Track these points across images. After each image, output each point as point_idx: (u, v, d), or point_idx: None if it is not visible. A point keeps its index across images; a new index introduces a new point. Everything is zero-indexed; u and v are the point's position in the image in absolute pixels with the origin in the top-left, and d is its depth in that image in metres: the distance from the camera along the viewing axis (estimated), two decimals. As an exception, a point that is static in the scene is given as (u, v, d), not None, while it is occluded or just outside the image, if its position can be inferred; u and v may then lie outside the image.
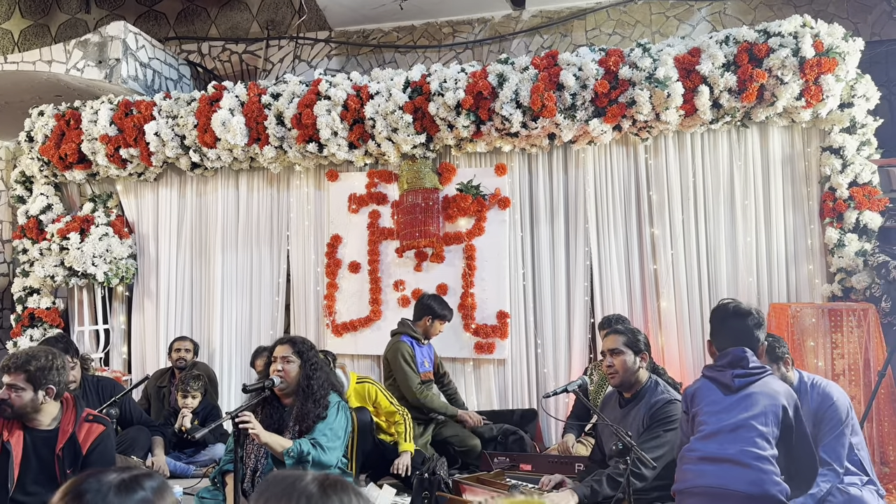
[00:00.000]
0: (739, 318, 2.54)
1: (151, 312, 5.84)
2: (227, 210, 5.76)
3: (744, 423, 2.37)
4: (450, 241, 5.09)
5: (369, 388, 3.84)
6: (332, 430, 2.96)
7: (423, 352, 4.45)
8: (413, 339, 4.41)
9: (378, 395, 3.83)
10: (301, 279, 5.54)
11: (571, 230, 4.98)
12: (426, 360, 4.45)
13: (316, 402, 2.98)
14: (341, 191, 5.40)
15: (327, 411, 2.99)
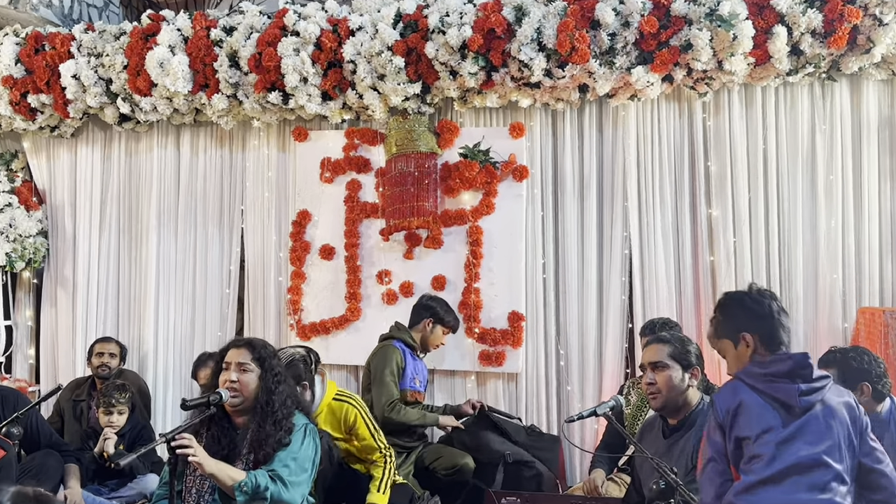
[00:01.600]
0: (783, 312, 2.61)
1: (66, 306, 5.84)
2: (164, 176, 5.74)
3: (816, 462, 2.36)
4: (450, 221, 5.09)
5: (349, 409, 3.76)
6: (298, 460, 2.95)
7: (417, 366, 4.45)
8: (408, 347, 4.41)
9: (358, 421, 3.77)
10: (259, 267, 5.54)
11: (606, 210, 4.97)
12: (418, 377, 4.45)
13: (277, 423, 2.97)
14: (311, 154, 5.39)
15: (291, 436, 2.98)
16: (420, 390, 4.47)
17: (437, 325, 4.49)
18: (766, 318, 2.57)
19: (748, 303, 2.60)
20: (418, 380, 4.45)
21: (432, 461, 4.25)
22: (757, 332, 2.57)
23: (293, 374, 3.43)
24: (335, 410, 3.76)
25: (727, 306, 2.66)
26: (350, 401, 3.81)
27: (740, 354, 2.61)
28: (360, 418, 3.80)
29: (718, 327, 2.68)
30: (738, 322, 2.61)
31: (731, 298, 2.68)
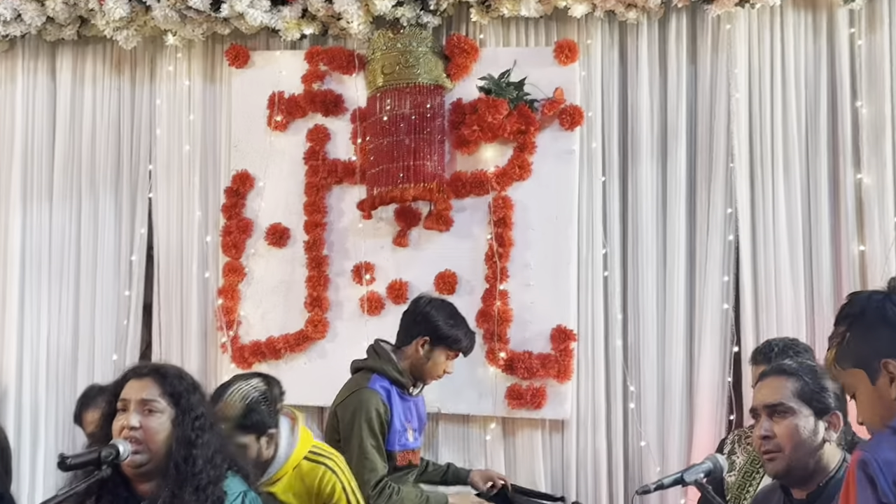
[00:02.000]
0: None
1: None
2: (33, 121, 5.75)
3: None
4: (464, 189, 5.08)
5: (326, 476, 3.66)
6: None
7: (408, 409, 4.43)
8: (393, 384, 4.40)
9: (338, 496, 3.71)
10: (174, 257, 5.56)
11: (702, 175, 4.97)
12: (411, 426, 4.43)
13: (200, 491, 2.95)
14: (255, 87, 5.40)
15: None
16: (414, 447, 4.45)
17: (436, 345, 4.42)
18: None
19: (891, 312, 2.56)
20: (411, 430, 4.43)
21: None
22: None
23: (253, 423, 3.48)
24: (305, 475, 3.71)
25: (858, 319, 2.61)
26: (329, 462, 3.76)
27: (881, 392, 2.57)
28: (340, 491, 3.74)
29: (845, 351, 2.63)
30: (876, 342, 2.55)
31: (865, 306, 2.62)
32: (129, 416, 2.98)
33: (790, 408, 3.02)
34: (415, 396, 4.49)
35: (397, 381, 4.39)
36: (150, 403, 3.00)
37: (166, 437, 2.99)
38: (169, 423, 3.00)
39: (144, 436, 2.96)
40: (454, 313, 4.54)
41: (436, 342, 4.42)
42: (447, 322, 4.46)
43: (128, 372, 3.14)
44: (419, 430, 4.53)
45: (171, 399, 3.03)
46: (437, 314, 4.47)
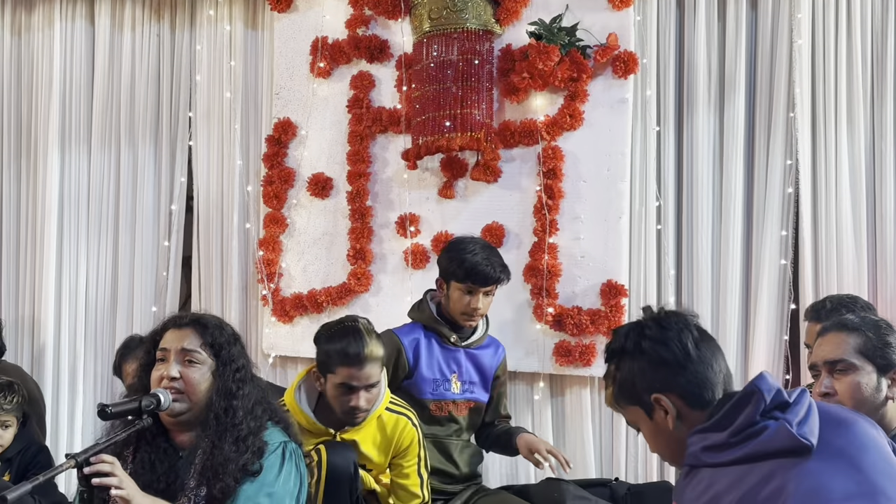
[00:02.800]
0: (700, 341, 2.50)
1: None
2: (71, 68, 5.77)
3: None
4: (513, 139, 5.05)
5: (408, 429, 3.82)
6: (274, 497, 2.95)
7: (452, 359, 4.38)
8: (430, 331, 4.36)
9: (413, 449, 3.86)
10: (214, 208, 5.58)
11: (761, 125, 4.93)
12: (457, 376, 4.38)
13: (240, 442, 2.97)
14: (297, 33, 5.39)
15: (262, 461, 2.99)
16: (457, 398, 4.38)
17: (447, 282, 4.29)
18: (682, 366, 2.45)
19: (647, 345, 2.47)
20: (457, 380, 4.37)
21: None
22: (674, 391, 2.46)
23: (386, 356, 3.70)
24: (387, 425, 3.82)
25: (620, 355, 2.54)
26: (409, 414, 3.89)
27: (659, 426, 2.48)
28: (417, 445, 3.88)
29: (618, 389, 2.56)
30: (641, 377, 2.48)
31: (623, 342, 2.54)
32: (170, 366, 3.02)
33: (852, 364, 3.03)
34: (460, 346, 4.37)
35: (434, 329, 4.34)
36: (190, 354, 3.04)
37: (206, 388, 3.03)
38: (209, 374, 3.05)
39: (185, 386, 3.01)
40: (458, 245, 4.37)
41: (445, 278, 4.32)
42: (447, 255, 4.33)
43: (167, 321, 3.18)
44: (474, 383, 4.41)
45: (212, 350, 3.07)
46: (443, 251, 4.39)
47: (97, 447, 2.81)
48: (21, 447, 4.50)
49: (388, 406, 3.83)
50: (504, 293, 4.96)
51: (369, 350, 3.55)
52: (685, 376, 2.43)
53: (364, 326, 3.67)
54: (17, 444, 4.49)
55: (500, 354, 4.50)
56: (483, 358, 4.43)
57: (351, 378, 3.57)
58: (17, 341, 5.62)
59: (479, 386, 4.40)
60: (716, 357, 2.45)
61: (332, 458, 3.65)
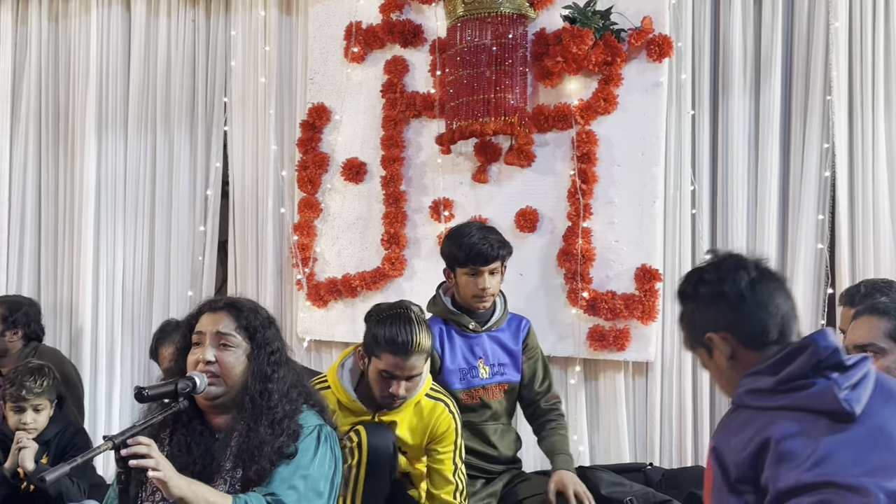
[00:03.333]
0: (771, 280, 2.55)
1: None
2: (108, 53, 5.83)
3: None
4: (546, 123, 5.05)
5: (444, 415, 3.83)
6: (309, 479, 2.97)
7: (476, 346, 4.38)
8: (448, 322, 4.37)
9: (450, 436, 3.86)
10: (250, 193, 5.62)
11: (796, 106, 4.91)
12: (484, 361, 4.37)
13: (276, 425, 2.99)
14: (332, 17, 5.41)
15: (298, 443, 3.01)
16: (486, 383, 4.38)
17: (452, 269, 4.30)
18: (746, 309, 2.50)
19: (703, 288, 2.56)
20: (483, 365, 4.36)
21: (530, 496, 4.23)
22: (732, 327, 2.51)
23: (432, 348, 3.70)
24: (424, 411, 3.84)
25: (683, 299, 2.65)
26: (447, 400, 3.90)
27: (718, 365, 2.56)
28: (453, 433, 3.88)
29: (686, 332, 2.66)
30: (699, 318, 2.58)
31: (685, 285, 2.64)
32: (205, 349, 3.04)
33: (881, 348, 3.06)
34: (481, 332, 4.37)
35: (452, 320, 4.35)
36: (225, 337, 3.05)
37: (242, 371, 3.04)
38: (244, 358, 3.06)
39: (220, 369, 3.02)
40: (456, 232, 4.37)
41: (450, 267, 4.33)
42: (447, 244, 4.34)
43: (203, 305, 3.20)
44: (504, 364, 4.40)
45: (247, 333, 3.08)
46: (443, 241, 4.41)
47: (134, 429, 2.82)
48: (58, 430, 4.53)
49: (427, 392, 3.85)
50: (538, 277, 5.04)
51: (417, 341, 3.56)
52: (737, 316, 2.48)
53: (416, 316, 3.66)
54: (55, 427, 4.52)
55: (525, 326, 4.48)
56: (507, 337, 4.43)
57: (394, 367, 3.59)
58: (55, 325, 5.70)
59: (509, 366, 4.39)
60: (774, 297, 2.49)
61: (372, 440, 3.67)
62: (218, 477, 2.99)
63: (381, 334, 3.61)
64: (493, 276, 4.24)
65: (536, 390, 4.44)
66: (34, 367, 4.52)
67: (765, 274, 2.52)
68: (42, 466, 4.36)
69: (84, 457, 2.85)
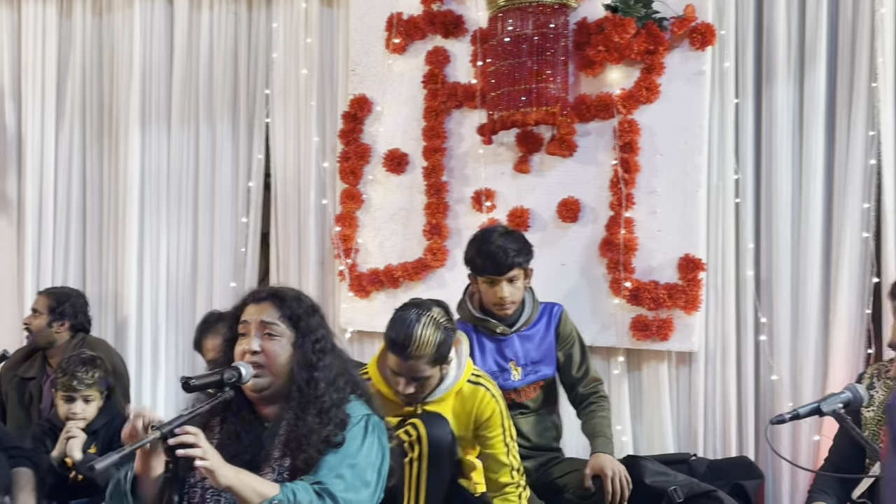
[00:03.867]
0: None
1: (9, 239, 6.12)
2: (151, 47, 5.90)
3: None
4: (588, 113, 5.04)
5: (486, 399, 3.85)
6: (356, 468, 2.97)
7: (506, 348, 4.40)
8: (475, 328, 4.38)
9: (495, 419, 3.87)
10: (292, 184, 5.66)
11: (842, 95, 4.86)
12: (515, 363, 4.37)
13: (324, 414, 3.00)
14: (373, 8, 5.43)
15: (345, 433, 3.02)
16: (516, 385, 4.38)
17: (475, 276, 4.35)
18: None
19: None
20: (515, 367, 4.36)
21: (561, 476, 4.28)
22: None
23: (441, 356, 3.67)
24: (467, 398, 3.87)
25: None
26: (489, 385, 3.92)
27: None
28: (498, 416, 3.89)
29: None
30: None
31: None
32: (250, 339, 3.06)
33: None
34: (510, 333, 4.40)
35: (480, 325, 4.39)
36: (269, 327, 3.07)
37: (287, 360, 3.06)
38: (289, 346, 3.07)
39: (265, 359, 3.04)
40: (476, 238, 4.39)
41: (472, 274, 4.39)
42: (467, 251, 4.39)
43: (247, 296, 3.22)
44: (537, 361, 4.43)
45: (290, 322, 3.09)
46: (466, 247, 4.43)
47: (181, 419, 2.84)
48: (106, 420, 4.56)
49: (469, 378, 3.88)
50: (580, 268, 5.05)
51: (416, 344, 3.58)
52: None
53: (431, 319, 3.66)
54: (103, 417, 4.56)
55: (557, 314, 4.48)
56: (538, 332, 4.45)
57: (396, 366, 3.65)
58: (100, 316, 5.76)
59: (543, 363, 4.42)
60: None
61: (431, 431, 3.70)
62: (266, 465, 3.01)
63: (387, 332, 3.67)
64: (512, 283, 4.27)
65: (574, 375, 4.46)
66: (86, 358, 4.58)
67: None
68: (90, 456, 4.40)
69: (133, 446, 2.89)
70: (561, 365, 4.48)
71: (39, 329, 5.15)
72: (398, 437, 3.65)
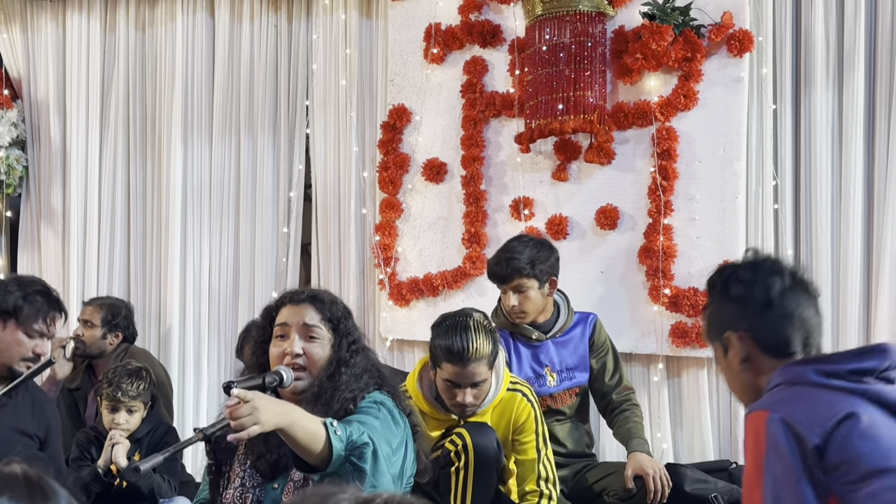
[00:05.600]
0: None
1: (54, 249, 6.20)
2: (193, 59, 5.98)
3: None
4: (626, 120, 5.06)
5: (523, 405, 3.88)
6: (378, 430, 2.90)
7: (541, 354, 4.44)
8: (512, 334, 4.42)
9: (530, 424, 3.89)
10: (332, 194, 5.70)
11: (881, 99, 4.85)
12: (551, 369, 4.41)
13: (338, 396, 3.02)
14: (411, 19, 5.47)
15: (357, 409, 3.01)
16: (553, 391, 4.40)
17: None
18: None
19: (734, 287, 2.57)
20: (550, 373, 4.38)
21: (598, 480, 4.29)
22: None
23: (494, 357, 3.71)
24: (506, 404, 3.90)
25: (713, 291, 2.66)
26: (525, 390, 3.95)
27: (730, 364, 2.59)
28: (533, 421, 3.92)
29: (707, 324, 2.70)
30: (723, 315, 2.60)
31: (716, 279, 2.66)
32: (292, 342, 3.07)
33: None
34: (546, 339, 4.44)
35: (515, 331, 4.43)
36: (312, 329, 3.09)
37: (327, 362, 3.08)
38: (329, 348, 3.10)
39: (307, 361, 3.06)
40: (508, 248, 4.40)
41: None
42: (495, 256, 4.43)
43: (283, 297, 3.24)
44: (572, 368, 4.46)
45: (330, 325, 3.12)
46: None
47: (223, 421, 2.82)
48: (150, 428, 4.61)
49: (508, 386, 3.90)
50: (619, 275, 5.07)
51: (474, 348, 3.59)
52: (761, 320, 2.51)
53: (476, 323, 3.69)
54: (146, 426, 4.59)
55: (591, 323, 4.53)
56: (573, 339, 4.48)
57: (455, 375, 3.64)
58: (144, 326, 5.82)
59: (578, 369, 4.45)
60: (802, 309, 2.50)
61: (476, 440, 3.71)
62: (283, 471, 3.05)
63: (439, 344, 3.67)
64: (520, 294, 4.30)
65: (607, 383, 4.49)
66: (132, 370, 4.61)
67: (799, 284, 2.53)
68: (134, 463, 4.47)
69: (177, 447, 2.93)
70: (595, 373, 4.51)
71: (93, 340, 5.19)
72: (444, 448, 3.71)
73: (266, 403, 2.68)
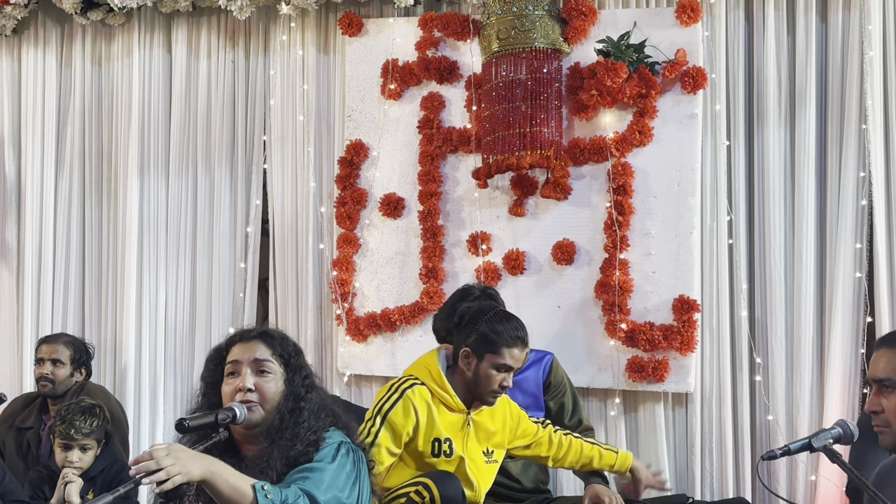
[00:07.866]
0: None
1: (8, 286, 6.14)
2: (149, 93, 5.94)
3: None
4: (582, 156, 5.09)
5: (505, 398, 3.96)
6: (325, 472, 2.93)
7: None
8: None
9: (514, 407, 4.00)
10: (289, 229, 5.70)
11: (832, 136, 4.92)
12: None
13: (297, 437, 3.01)
14: (369, 55, 5.49)
15: (317, 454, 3.00)
16: None
17: None
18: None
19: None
20: None
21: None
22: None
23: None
24: (504, 401, 3.99)
25: None
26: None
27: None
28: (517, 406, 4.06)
29: None
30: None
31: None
32: (244, 378, 3.06)
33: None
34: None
35: None
36: (263, 364, 3.08)
37: (279, 397, 3.06)
38: (282, 384, 3.09)
39: (259, 396, 3.04)
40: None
41: None
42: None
43: (233, 336, 3.24)
44: (525, 408, 4.30)
45: (282, 360, 3.12)
46: None
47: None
48: (104, 466, 4.54)
49: None
50: (575, 310, 5.10)
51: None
52: None
53: None
54: (101, 464, 4.52)
55: (546, 363, 4.53)
56: (526, 379, 4.46)
57: (514, 359, 3.70)
58: (100, 362, 5.74)
59: (531, 408, 4.38)
60: None
61: (443, 492, 3.68)
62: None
63: (503, 330, 3.72)
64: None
65: (567, 424, 4.43)
66: (85, 407, 4.55)
67: None
68: (87, 501, 4.43)
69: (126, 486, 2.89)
70: (553, 414, 4.47)
71: (63, 379, 5.13)
72: (410, 497, 3.69)
73: (188, 454, 2.72)
